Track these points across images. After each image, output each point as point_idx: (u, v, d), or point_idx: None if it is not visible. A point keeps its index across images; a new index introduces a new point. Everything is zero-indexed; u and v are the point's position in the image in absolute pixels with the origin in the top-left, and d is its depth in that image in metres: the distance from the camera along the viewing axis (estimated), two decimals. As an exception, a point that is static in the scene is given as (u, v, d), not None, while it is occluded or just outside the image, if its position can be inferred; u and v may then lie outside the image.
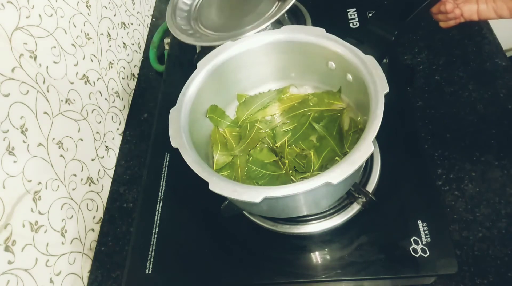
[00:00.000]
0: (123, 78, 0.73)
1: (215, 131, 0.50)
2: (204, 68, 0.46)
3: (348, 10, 0.68)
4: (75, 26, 0.59)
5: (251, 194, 0.34)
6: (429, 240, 0.43)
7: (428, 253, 0.43)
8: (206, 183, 0.36)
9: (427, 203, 0.46)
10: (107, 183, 0.64)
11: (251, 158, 0.47)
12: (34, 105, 0.48)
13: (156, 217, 0.52)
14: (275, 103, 0.52)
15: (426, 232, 0.44)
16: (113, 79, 0.69)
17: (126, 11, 0.77)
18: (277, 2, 0.61)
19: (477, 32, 0.68)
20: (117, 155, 0.68)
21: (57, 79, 0.54)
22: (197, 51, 0.68)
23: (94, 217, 0.59)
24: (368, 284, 0.47)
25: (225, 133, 0.50)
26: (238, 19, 0.63)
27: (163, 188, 0.55)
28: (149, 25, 0.87)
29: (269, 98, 0.52)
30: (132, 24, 0.79)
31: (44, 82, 0.51)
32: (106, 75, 0.67)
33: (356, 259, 0.44)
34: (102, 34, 0.67)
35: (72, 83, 0.57)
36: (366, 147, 0.34)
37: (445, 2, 0.47)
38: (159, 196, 0.54)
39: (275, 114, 0.52)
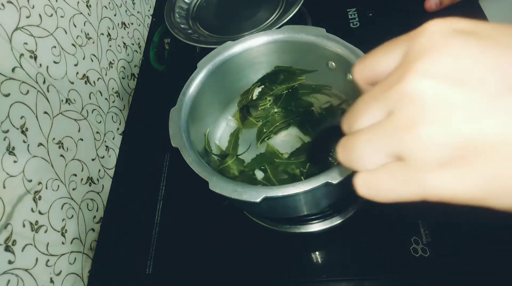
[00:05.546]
0: (123, 78, 0.73)
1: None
2: (204, 68, 0.46)
3: (348, 10, 0.68)
4: (75, 26, 0.59)
5: (251, 194, 0.34)
6: (429, 240, 0.43)
7: (428, 253, 0.43)
8: (206, 183, 0.36)
9: (427, 203, 0.46)
10: (107, 183, 0.64)
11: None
12: (34, 105, 0.48)
13: (156, 217, 0.52)
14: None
15: (426, 232, 0.44)
16: (113, 79, 0.69)
17: (126, 11, 0.77)
18: (277, 10, 0.61)
19: (477, 32, 0.68)
20: (117, 155, 0.68)
21: (57, 79, 0.54)
22: (197, 51, 0.68)
23: (95, 217, 0.59)
24: (368, 284, 0.47)
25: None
26: (237, 23, 0.63)
27: (163, 188, 0.55)
28: (149, 25, 0.87)
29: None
30: (132, 24, 0.79)
31: (44, 82, 0.51)
32: (106, 75, 0.67)
33: (356, 259, 0.44)
34: (102, 34, 0.67)
35: (72, 83, 0.57)
36: (366, 147, 0.34)
37: None
38: (159, 196, 0.54)
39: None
